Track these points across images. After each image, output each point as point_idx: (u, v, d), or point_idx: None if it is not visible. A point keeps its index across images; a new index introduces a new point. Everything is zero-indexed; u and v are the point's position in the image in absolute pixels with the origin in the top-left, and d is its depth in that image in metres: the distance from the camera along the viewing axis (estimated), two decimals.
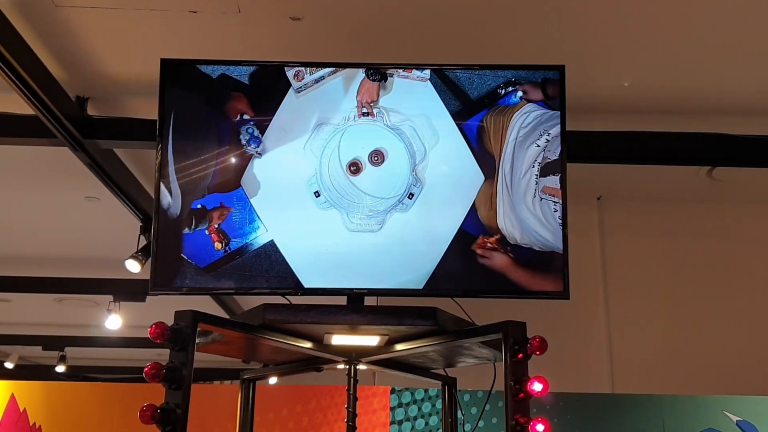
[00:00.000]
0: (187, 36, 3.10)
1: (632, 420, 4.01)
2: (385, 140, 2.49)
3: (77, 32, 3.09)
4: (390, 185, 2.47)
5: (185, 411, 1.98)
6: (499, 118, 2.51)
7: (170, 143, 2.47)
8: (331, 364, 2.65)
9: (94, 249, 5.76)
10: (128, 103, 3.61)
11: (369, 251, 2.44)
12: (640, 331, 4.44)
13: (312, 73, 2.53)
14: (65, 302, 7.27)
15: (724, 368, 4.30)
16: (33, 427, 4.08)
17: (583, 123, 3.37)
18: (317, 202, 2.45)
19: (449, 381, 2.85)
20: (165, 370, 1.99)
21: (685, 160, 3.70)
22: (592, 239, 4.57)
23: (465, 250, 2.44)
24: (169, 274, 2.41)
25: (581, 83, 3.30)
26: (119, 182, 3.99)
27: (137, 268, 4.31)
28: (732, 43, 3.10)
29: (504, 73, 2.54)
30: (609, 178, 4.35)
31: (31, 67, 2.96)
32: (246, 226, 2.44)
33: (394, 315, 2.31)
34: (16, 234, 5.52)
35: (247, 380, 2.79)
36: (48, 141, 3.47)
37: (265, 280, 2.43)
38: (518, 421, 2.06)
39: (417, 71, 2.54)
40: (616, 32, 3.04)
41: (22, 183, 4.59)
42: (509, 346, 2.15)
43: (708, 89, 3.45)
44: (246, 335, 2.34)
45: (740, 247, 4.60)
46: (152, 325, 2.01)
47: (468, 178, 2.49)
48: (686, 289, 4.51)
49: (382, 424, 4.01)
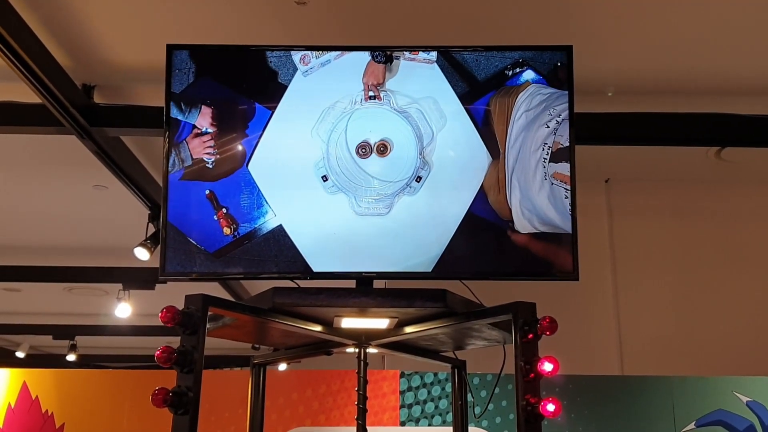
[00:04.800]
0: (193, 22, 3.09)
1: (642, 402, 4.01)
2: (392, 124, 2.48)
3: (83, 20, 3.09)
4: (398, 169, 2.47)
5: (197, 394, 1.99)
6: (505, 99, 2.50)
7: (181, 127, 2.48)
8: (340, 347, 2.66)
9: (102, 237, 5.78)
10: (135, 90, 3.62)
11: (377, 235, 2.44)
12: (649, 313, 4.43)
13: (318, 57, 2.52)
14: (75, 291, 7.31)
15: (734, 349, 4.30)
16: (45, 415, 4.11)
17: (590, 104, 3.36)
18: (325, 186, 2.45)
19: (459, 364, 2.86)
20: (176, 354, 2.00)
21: (694, 141, 3.69)
22: (600, 221, 4.57)
23: (474, 233, 2.44)
24: (178, 260, 2.42)
25: (589, 64, 3.28)
26: (127, 170, 4.00)
27: (146, 255, 4.32)
28: (741, 22, 3.08)
29: (511, 54, 2.53)
30: (617, 160, 4.33)
31: (37, 56, 2.97)
32: (254, 211, 2.44)
33: (403, 297, 2.32)
34: (25, 224, 5.54)
35: (258, 365, 2.80)
36: (55, 129, 3.48)
37: (274, 265, 2.43)
38: (529, 401, 2.06)
39: (423, 53, 2.53)
40: (623, 13, 3.02)
41: (30, 172, 4.61)
42: (519, 327, 2.16)
43: (717, 69, 3.43)
44: (256, 319, 2.34)
45: (749, 228, 4.59)
46: (163, 309, 2.02)
47: (476, 160, 2.48)
48: (695, 271, 4.51)
49: (392, 407, 4.02)
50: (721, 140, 3.74)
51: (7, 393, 4.16)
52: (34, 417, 4.11)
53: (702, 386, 4.05)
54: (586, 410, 3.98)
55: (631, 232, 4.56)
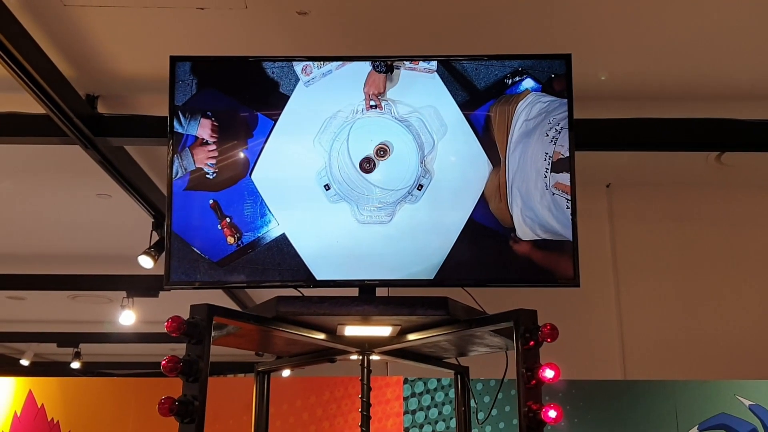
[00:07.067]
0: (195, 32, 3.12)
1: (644, 406, 4.02)
2: (393, 133, 2.51)
3: (86, 31, 3.11)
4: (399, 177, 2.49)
5: (203, 403, 2.01)
6: (505, 107, 2.52)
7: (184, 138, 2.50)
8: (344, 354, 2.68)
9: (106, 246, 5.81)
10: (138, 100, 3.64)
11: (379, 243, 2.47)
12: (650, 317, 4.44)
13: (320, 67, 2.55)
14: (79, 299, 7.34)
15: (736, 353, 4.30)
16: (51, 423, 4.13)
17: (590, 111, 3.38)
18: (327, 195, 2.48)
19: (462, 370, 2.87)
20: (182, 363, 2.02)
21: (694, 146, 3.71)
22: (601, 226, 4.58)
23: (475, 240, 2.46)
24: (183, 269, 2.44)
25: (588, 71, 3.31)
26: (130, 179, 4.02)
27: (150, 264, 4.34)
28: (741, 28, 3.09)
29: (510, 63, 2.55)
30: (618, 165, 4.35)
31: (41, 67, 3.00)
32: (258, 220, 2.47)
33: (406, 305, 2.34)
34: (29, 232, 5.57)
35: (262, 372, 2.82)
36: (59, 139, 3.50)
37: (278, 273, 2.45)
38: (531, 408, 2.08)
39: (424, 63, 2.55)
40: (621, 19, 3.04)
41: (34, 182, 4.63)
42: (521, 334, 2.17)
43: (716, 74, 3.45)
44: (260, 327, 2.36)
45: (750, 232, 4.60)
46: (168, 319, 2.04)
47: (476, 168, 2.50)
48: (696, 275, 4.52)
49: (396, 413, 4.04)
50: (722, 145, 3.76)
51: (13, 401, 4.19)
52: (40, 425, 4.13)
53: (704, 390, 4.05)
54: (589, 415, 4.00)
55: (632, 237, 4.57)
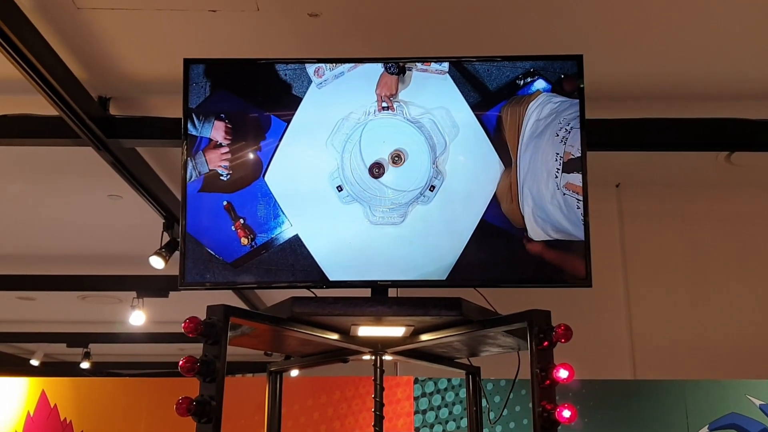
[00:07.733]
0: (207, 35, 3.14)
1: (655, 405, 4.02)
2: (405, 134, 2.52)
3: (98, 33, 3.14)
4: (411, 178, 2.50)
5: (219, 403, 2.03)
6: (516, 108, 2.53)
7: (198, 140, 2.52)
8: (357, 355, 2.69)
9: (116, 246, 5.84)
10: (150, 102, 3.66)
11: (392, 244, 2.48)
12: (661, 317, 4.45)
13: (332, 69, 2.56)
14: (89, 299, 7.37)
15: (747, 352, 4.30)
16: (64, 423, 4.16)
17: (601, 111, 3.38)
18: (340, 196, 2.49)
19: (473, 370, 2.88)
20: (199, 364, 2.03)
21: (704, 146, 3.71)
22: (611, 226, 4.58)
23: (487, 241, 2.47)
24: (197, 270, 2.46)
25: (599, 71, 3.31)
26: (142, 180, 4.05)
27: (162, 264, 4.37)
28: (750, 27, 3.10)
29: (522, 64, 2.56)
30: (627, 165, 4.35)
31: (54, 69, 3.02)
32: (271, 221, 2.48)
33: (419, 306, 2.34)
34: (40, 233, 5.60)
35: (274, 372, 2.83)
36: (72, 141, 3.53)
37: (291, 274, 2.47)
38: (545, 408, 2.09)
39: (435, 64, 2.56)
40: (631, 19, 3.05)
41: (46, 182, 4.66)
42: (534, 335, 2.18)
43: (726, 74, 3.45)
44: (275, 328, 2.38)
45: (760, 231, 4.59)
46: (186, 319, 2.06)
47: (488, 169, 2.51)
48: (707, 274, 4.52)
49: (407, 413, 4.05)
50: (731, 145, 3.76)
51: (26, 401, 4.21)
52: (52, 425, 4.15)
53: (715, 390, 4.05)
54: (599, 414, 4.00)
55: (642, 237, 4.57)
